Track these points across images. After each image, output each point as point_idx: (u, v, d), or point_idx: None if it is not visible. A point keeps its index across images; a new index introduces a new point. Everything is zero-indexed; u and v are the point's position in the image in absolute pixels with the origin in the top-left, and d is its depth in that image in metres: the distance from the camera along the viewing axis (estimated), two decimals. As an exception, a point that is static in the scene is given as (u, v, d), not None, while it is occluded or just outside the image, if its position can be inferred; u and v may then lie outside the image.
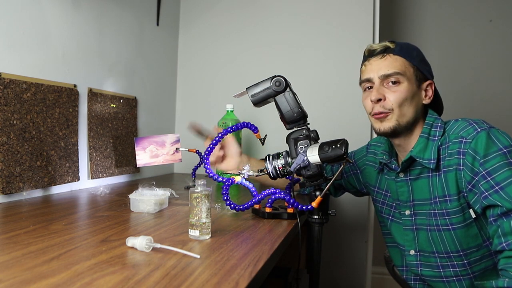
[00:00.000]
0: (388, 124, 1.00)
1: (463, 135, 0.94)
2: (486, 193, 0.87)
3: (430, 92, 1.04)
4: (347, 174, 1.27)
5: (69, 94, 1.23)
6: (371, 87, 1.03)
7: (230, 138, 1.13)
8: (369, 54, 1.05)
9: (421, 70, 1.02)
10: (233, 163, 1.14)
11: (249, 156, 1.20)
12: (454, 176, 0.95)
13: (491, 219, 0.87)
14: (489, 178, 0.87)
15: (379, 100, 1.00)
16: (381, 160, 1.11)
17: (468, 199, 0.94)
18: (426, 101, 1.04)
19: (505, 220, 0.84)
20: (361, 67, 1.07)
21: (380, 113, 1.00)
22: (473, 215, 0.95)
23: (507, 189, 0.85)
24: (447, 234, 0.98)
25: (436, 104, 1.08)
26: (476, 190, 0.91)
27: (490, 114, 2.34)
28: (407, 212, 1.07)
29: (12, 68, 1.04)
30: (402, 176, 1.06)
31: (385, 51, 1.01)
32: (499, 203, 0.84)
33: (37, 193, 1.11)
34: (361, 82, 1.06)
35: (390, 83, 0.99)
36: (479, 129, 0.92)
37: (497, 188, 0.86)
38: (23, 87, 1.06)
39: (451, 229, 0.97)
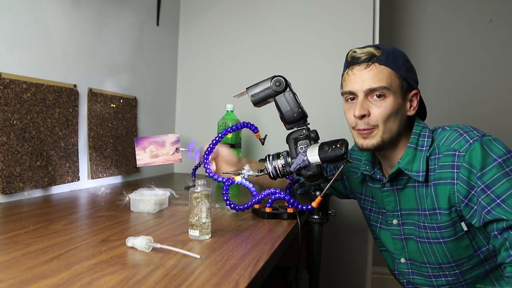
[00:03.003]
0: (371, 141, 0.96)
1: (455, 147, 0.91)
2: (489, 207, 0.85)
3: (415, 103, 0.99)
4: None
5: (69, 94, 1.23)
6: (354, 98, 0.98)
7: (225, 152, 1.11)
8: (353, 61, 0.97)
9: (408, 80, 0.97)
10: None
11: (248, 159, 1.19)
12: (447, 190, 0.92)
13: (496, 232, 0.85)
14: (489, 192, 0.85)
15: (363, 116, 0.95)
16: (364, 172, 1.08)
17: (463, 213, 0.91)
18: (411, 112, 0.99)
19: (511, 232, 0.83)
20: (343, 74, 1.00)
21: (364, 129, 0.96)
22: (465, 228, 0.93)
23: (509, 201, 0.83)
24: (438, 247, 0.97)
25: (420, 112, 1.05)
26: (472, 205, 0.89)
27: (490, 114, 2.34)
28: (395, 222, 1.05)
29: (12, 68, 1.04)
30: (388, 186, 1.03)
31: (370, 59, 0.94)
32: (504, 217, 0.83)
33: (37, 193, 1.11)
34: (344, 93, 1.00)
35: (375, 97, 0.94)
36: (471, 140, 0.89)
37: (498, 201, 0.84)
38: (23, 87, 1.06)
39: (442, 243, 0.95)
